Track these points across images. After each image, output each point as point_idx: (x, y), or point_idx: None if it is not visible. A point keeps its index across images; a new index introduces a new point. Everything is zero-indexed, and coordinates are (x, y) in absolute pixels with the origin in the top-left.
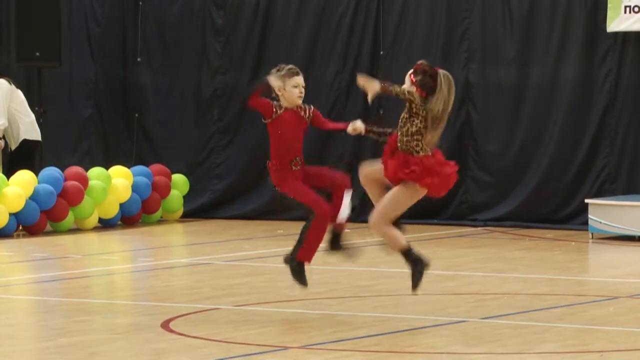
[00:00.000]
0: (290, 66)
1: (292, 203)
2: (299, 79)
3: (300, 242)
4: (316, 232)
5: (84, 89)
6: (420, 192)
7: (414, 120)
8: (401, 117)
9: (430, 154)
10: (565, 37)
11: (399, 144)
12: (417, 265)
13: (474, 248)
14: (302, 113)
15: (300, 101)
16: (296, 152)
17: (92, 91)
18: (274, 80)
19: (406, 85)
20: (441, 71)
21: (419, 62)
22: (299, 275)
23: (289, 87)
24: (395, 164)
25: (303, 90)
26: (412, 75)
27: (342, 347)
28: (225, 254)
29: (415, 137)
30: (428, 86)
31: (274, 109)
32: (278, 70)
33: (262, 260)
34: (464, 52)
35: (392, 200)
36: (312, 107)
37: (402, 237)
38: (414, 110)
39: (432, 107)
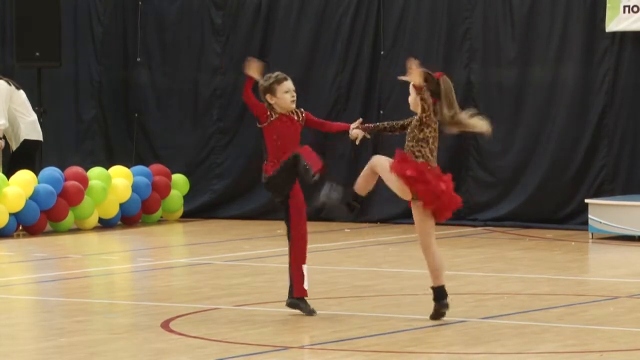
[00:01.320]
0: (277, 73)
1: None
2: (289, 84)
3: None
4: (296, 255)
5: (87, 89)
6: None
7: (423, 129)
8: (412, 123)
9: (429, 163)
10: (565, 37)
11: (405, 147)
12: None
13: (474, 248)
14: (296, 117)
15: (293, 106)
16: None
17: (95, 91)
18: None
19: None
20: (442, 77)
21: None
22: (307, 308)
23: (280, 94)
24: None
25: (295, 94)
26: (414, 85)
27: (342, 347)
28: (225, 254)
29: (420, 144)
30: (436, 92)
31: (269, 114)
32: (266, 80)
33: (262, 260)
34: (465, 52)
35: (421, 232)
36: (302, 110)
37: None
38: (425, 120)
39: (444, 114)
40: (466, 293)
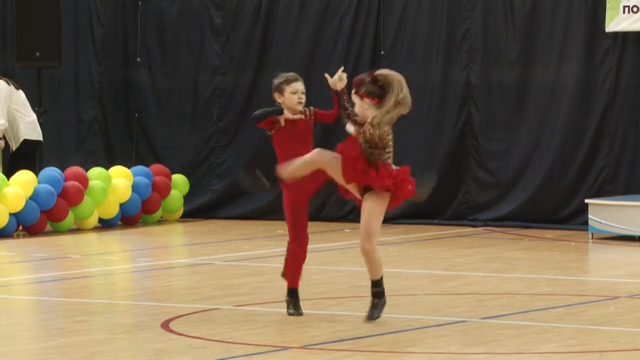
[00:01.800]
0: (290, 74)
1: (259, 184)
2: (297, 85)
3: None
4: (293, 259)
5: (87, 89)
6: (386, 201)
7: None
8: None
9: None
10: (565, 37)
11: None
12: (381, 298)
13: (474, 248)
14: (305, 116)
15: (300, 107)
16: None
17: (95, 91)
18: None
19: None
20: (379, 71)
21: (354, 79)
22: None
23: (287, 94)
24: (383, 174)
25: (302, 96)
26: (355, 93)
27: (342, 347)
28: (225, 254)
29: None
30: (376, 92)
31: (276, 119)
32: (277, 79)
33: (262, 260)
34: (465, 52)
35: (376, 218)
36: (312, 108)
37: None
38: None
39: (388, 105)
40: (466, 293)
